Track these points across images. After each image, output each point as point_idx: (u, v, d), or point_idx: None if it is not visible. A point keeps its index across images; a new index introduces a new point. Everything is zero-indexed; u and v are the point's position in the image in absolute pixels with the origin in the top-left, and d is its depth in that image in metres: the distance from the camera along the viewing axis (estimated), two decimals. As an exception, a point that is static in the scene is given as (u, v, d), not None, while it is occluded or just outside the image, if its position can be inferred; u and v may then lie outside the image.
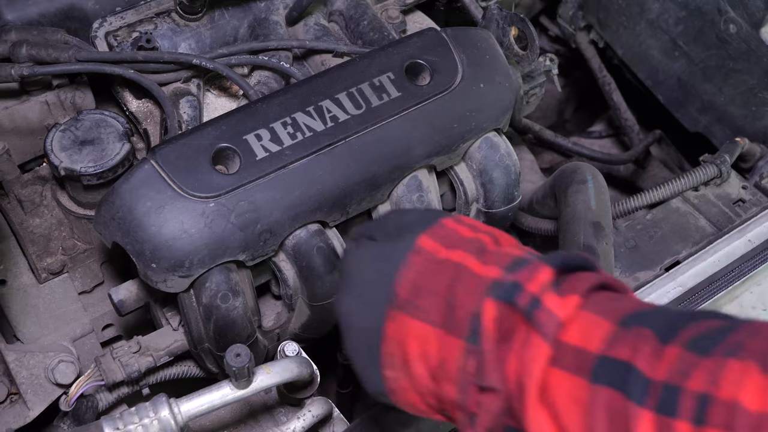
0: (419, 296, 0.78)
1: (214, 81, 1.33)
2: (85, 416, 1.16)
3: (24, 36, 1.25)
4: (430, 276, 0.78)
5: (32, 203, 1.26)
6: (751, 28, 1.60)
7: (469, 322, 0.74)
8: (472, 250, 0.79)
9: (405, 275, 0.79)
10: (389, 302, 0.79)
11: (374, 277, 0.82)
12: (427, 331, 0.76)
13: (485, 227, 0.83)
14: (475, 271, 0.76)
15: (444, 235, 0.81)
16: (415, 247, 0.80)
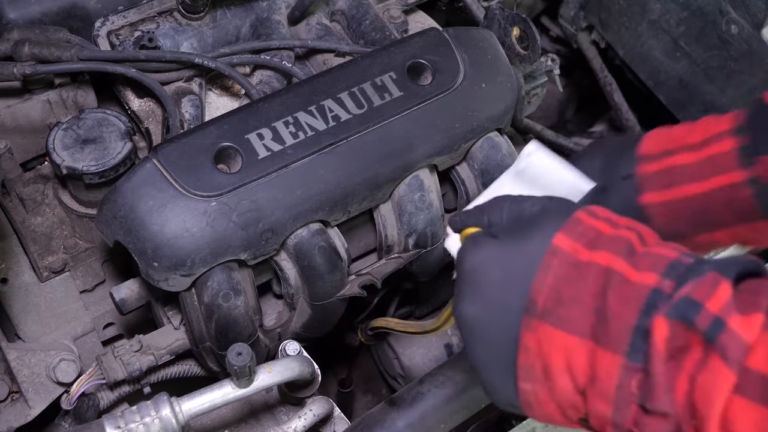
0: (562, 304, 0.71)
1: (216, 80, 1.33)
2: (86, 415, 1.16)
3: (26, 35, 1.25)
4: (573, 282, 0.71)
5: (34, 202, 1.27)
6: (752, 29, 1.59)
7: (629, 337, 0.67)
8: (618, 250, 0.72)
9: (543, 281, 0.72)
10: (525, 310, 0.73)
11: (504, 281, 0.75)
12: (574, 343, 0.70)
13: (623, 220, 0.76)
14: (628, 277, 0.70)
15: (582, 233, 0.74)
16: (551, 248, 0.73)
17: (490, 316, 0.75)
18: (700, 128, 0.97)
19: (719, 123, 0.95)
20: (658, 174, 0.98)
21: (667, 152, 0.98)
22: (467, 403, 1.10)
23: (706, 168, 0.94)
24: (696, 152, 0.95)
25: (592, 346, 0.69)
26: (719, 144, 0.94)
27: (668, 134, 1.00)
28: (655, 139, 1.00)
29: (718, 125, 0.95)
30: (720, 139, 0.94)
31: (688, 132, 0.98)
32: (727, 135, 0.94)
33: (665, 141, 0.99)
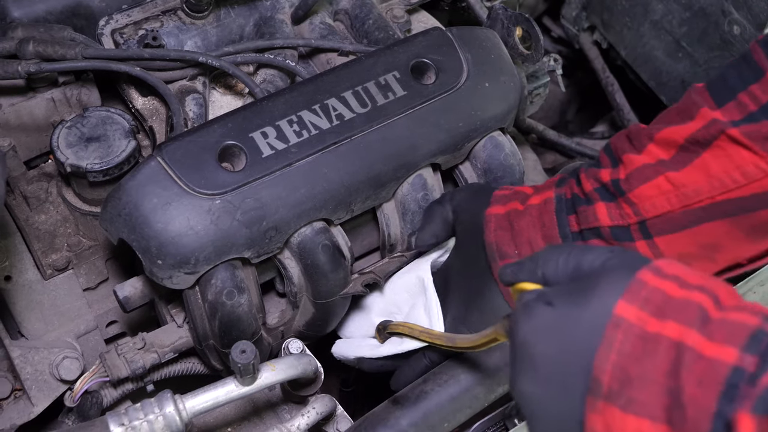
0: (630, 385, 0.64)
1: (220, 79, 1.33)
2: (89, 412, 1.16)
3: (30, 33, 1.25)
4: (640, 358, 0.65)
5: (38, 200, 1.27)
6: (755, 30, 1.60)
7: (709, 425, 0.61)
8: (690, 319, 0.64)
9: (606, 357, 0.65)
10: (589, 390, 0.66)
11: (562, 357, 0.68)
12: (648, 428, 0.64)
13: (695, 278, 0.68)
14: (703, 352, 0.63)
15: (647, 299, 0.66)
16: (613, 319, 0.66)
17: (551, 396, 0.69)
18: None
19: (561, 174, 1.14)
20: (503, 196, 1.12)
21: (521, 186, 1.16)
22: (471, 401, 1.11)
23: (534, 193, 1.10)
24: (534, 188, 1.12)
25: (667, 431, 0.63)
26: (552, 179, 1.12)
27: None
28: None
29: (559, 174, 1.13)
30: (554, 177, 1.13)
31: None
32: (560, 174, 1.13)
33: (524, 185, 1.17)
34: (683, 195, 0.99)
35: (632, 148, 1.04)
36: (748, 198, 0.97)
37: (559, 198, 1.08)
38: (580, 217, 1.05)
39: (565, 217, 1.06)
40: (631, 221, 1.01)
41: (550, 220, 1.07)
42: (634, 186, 1.01)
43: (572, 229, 1.06)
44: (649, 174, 1.01)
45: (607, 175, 1.04)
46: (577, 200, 1.06)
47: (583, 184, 1.06)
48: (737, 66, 1.00)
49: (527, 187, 1.15)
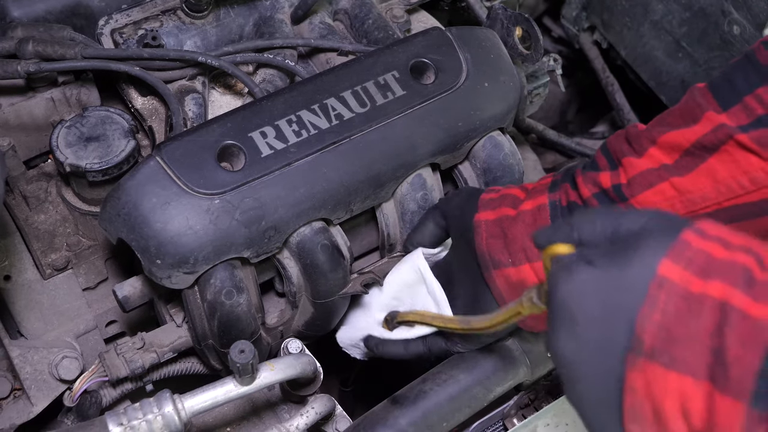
0: (673, 344, 0.64)
1: (219, 79, 1.33)
2: (88, 412, 1.16)
3: (30, 33, 1.25)
4: (684, 318, 0.65)
5: (37, 199, 1.27)
6: (754, 30, 1.60)
7: (753, 383, 0.61)
8: (734, 280, 0.64)
9: (649, 316, 0.65)
10: (630, 348, 0.66)
11: (604, 316, 0.68)
12: (690, 386, 0.64)
13: (738, 239, 0.68)
14: (748, 311, 0.62)
15: (691, 259, 0.66)
16: (656, 278, 0.66)
17: (590, 354, 0.69)
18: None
19: (552, 173, 1.12)
20: (492, 200, 1.10)
21: (506, 187, 1.13)
22: (469, 401, 1.11)
23: (527, 198, 1.08)
24: (525, 190, 1.10)
25: (709, 389, 0.63)
26: (542, 181, 1.10)
27: None
28: None
29: (551, 173, 1.11)
30: (544, 179, 1.10)
31: (528, 183, 1.13)
32: (549, 175, 1.10)
33: (509, 186, 1.14)
34: (689, 201, 0.98)
35: (632, 151, 1.02)
36: (756, 203, 0.96)
37: (554, 204, 1.05)
38: None
39: None
40: None
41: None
42: (637, 192, 0.99)
43: None
44: (653, 179, 0.99)
45: (608, 179, 1.02)
46: (574, 207, 1.04)
47: (581, 189, 1.04)
48: (742, 67, 0.98)
49: (514, 188, 1.12)
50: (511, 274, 1.04)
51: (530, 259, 1.03)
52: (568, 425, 1.16)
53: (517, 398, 1.17)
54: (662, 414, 0.66)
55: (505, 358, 1.14)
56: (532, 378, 1.16)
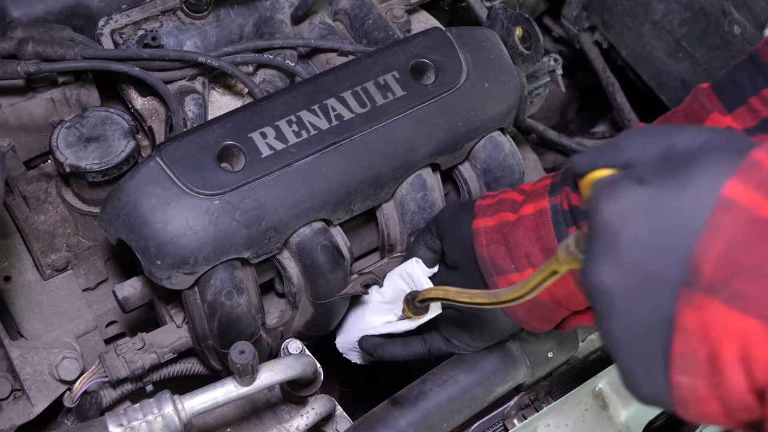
0: (738, 276, 0.55)
1: (219, 79, 1.33)
2: (89, 412, 1.16)
3: (30, 33, 1.25)
4: (754, 247, 0.55)
5: (37, 200, 1.27)
6: (755, 30, 1.60)
7: None
8: None
9: (711, 244, 0.56)
10: (685, 281, 0.56)
11: (655, 242, 0.58)
12: (754, 329, 0.55)
13: None
14: None
15: (763, 180, 0.56)
16: (721, 200, 0.56)
17: (635, 286, 0.59)
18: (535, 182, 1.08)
19: (549, 174, 1.06)
20: (490, 206, 1.07)
21: (502, 191, 1.09)
22: (470, 402, 1.11)
23: (525, 200, 1.04)
24: (523, 193, 1.06)
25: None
26: (540, 182, 1.05)
27: None
28: None
29: (548, 174, 1.06)
30: (542, 180, 1.05)
31: (525, 184, 1.09)
32: (548, 177, 1.04)
33: (505, 189, 1.10)
34: None
35: None
36: None
37: (555, 209, 1.01)
38: None
39: (564, 229, 0.99)
40: None
41: (548, 233, 1.00)
42: None
43: None
44: None
45: None
46: (577, 213, 0.99)
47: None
48: (746, 68, 0.95)
49: (510, 191, 1.08)
50: (515, 280, 1.02)
51: (533, 264, 1.00)
52: (568, 426, 1.16)
53: (518, 399, 1.17)
54: (719, 362, 0.56)
55: (506, 358, 1.14)
56: (533, 378, 1.16)
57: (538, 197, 1.03)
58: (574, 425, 1.16)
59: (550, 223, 1.00)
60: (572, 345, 1.17)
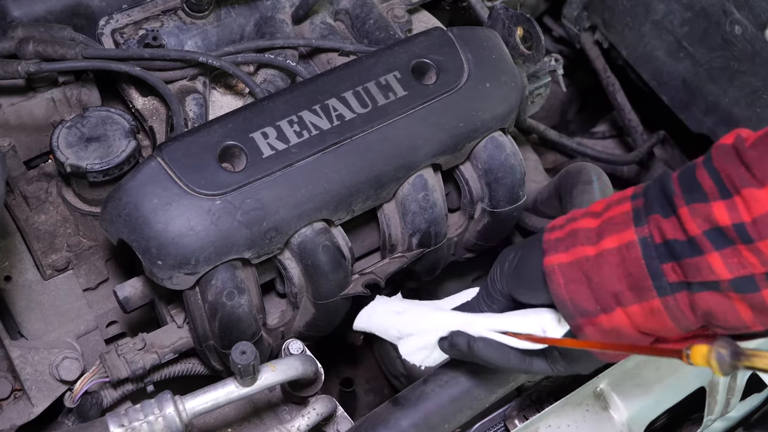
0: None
1: (220, 79, 1.33)
2: (89, 413, 1.16)
3: (30, 33, 1.25)
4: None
5: (38, 200, 1.27)
6: (756, 30, 1.59)
7: None
8: None
9: None
10: None
11: None
12: None
13: None
14: None
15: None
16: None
17: None
18: (606, 199, 0.97)
19: (623, 192, 0.95)
20: (561, 240, 0.95)
21: (571, 220, 0.96)
22: (471, 402, 1.11)
23: (602, 229, 0.92)
24: (597, 218, 0.94)
25: None
26: (618, 207, 0.93)
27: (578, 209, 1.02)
28: (564, 215, 1.00)
29: (621, 194, 0.95)
30: (619, 204, 0.93)
31: (596, 203, 0.98)
32: (626, 200, 0.93)
33: (573, 213, 0.98)
34: None
35: (752, 179, 0.83)
36: None
37: (645, 242, 0.88)
38: (686, 269, 0.86)
39: (658, 266, 0.87)
40: (758, 271, 0.83)
41: (639, 270, 0.88)
42: (766, 235, 0.81)
43: (670, 280, 0.87)
44: None
45: (725, 214, 0.83)
46: (678, 248, 0.86)
47: (686, 224, 0.85)
48: None
49: (581, 219, 0.96)
50: (603, 322, 0.92)
51: (622, 304, 0.90)
52: (569, 426, 1.16)
53: (519, 399, 1.17)
54: None
55: (507, 359, 1.14)
56: (534, 379, 1.16)
57: (620, 227, 0.91)
58: (575, 426, 1.16)
59: (641, 259, 0.89)
60: (573, 345, 1.17)
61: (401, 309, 1.08)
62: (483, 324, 1.01)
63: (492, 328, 1.00)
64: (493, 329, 1.00)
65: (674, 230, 0.87)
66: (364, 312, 1.09)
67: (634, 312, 0.89)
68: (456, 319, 1.03)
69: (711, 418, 1.30)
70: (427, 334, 1.05)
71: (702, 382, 1.25)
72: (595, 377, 1.19)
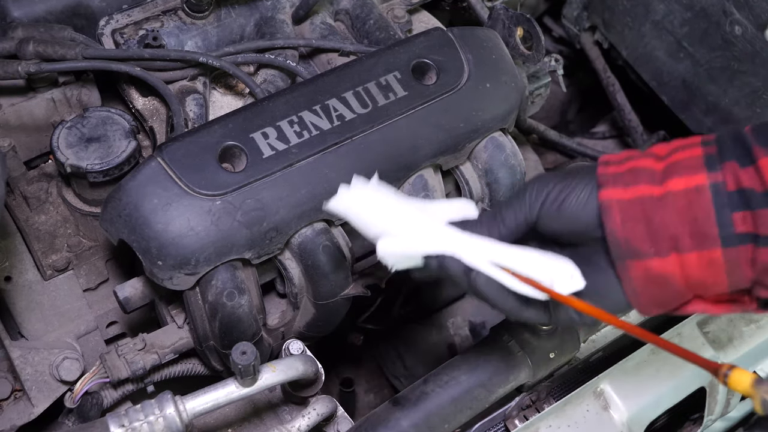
0: None
1: (221, 79, 1.33)
2: (89, 413, 1.16)
3: (31, 33, 1.25)
4: None
5: (38, 200, 1.27)
6: (756, 30, 1.59)
7: None
8: None
9: None
10: None
11: None
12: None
13: None
14: None
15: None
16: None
17: None
18: (669, 144, 0.92)
19: (688, 139, 0.92)
20: (619, 175, 0.89)
21: (629, 158, 0.91)
22: (471, 402, 1.10)
23: (669, 171, 0.88)
24: (661, 160, 0.89)
25: None
26: (686, 151, 0.88)
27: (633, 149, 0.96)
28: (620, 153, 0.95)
29: (686, 140, 0.91)
30: (687, 148, 0.89)
31: (658, 146, 0.93)
32: (696, 145, 0.89)
33: (629, 152, 0.93)
34: None
35: None
36: None
37: (716, 188, 0.84)
38: (758, 221, 0.83)
39: (728, 214, 0.84)
40: None
41: (706, 216, 0.84)
42: None
43: (737, 230, 0.83)
44: None
45: None
46: (753, 198, 0.83)
47: (766, 175, 0.83)
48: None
49: (642, 157, 0.90)
50: (654, 266, 0.87)
51: (680, 250, 0.85)
52: (570, 426, 1.16)
53: (519, 399, 1.17)
54: None
55: (507, 359, 1.14)
56: (534, 379, 1.16)
57: (689, 170, 0.87)
58: (575, 426, 1.16)
59: (711, 205, 0.84)
60: (574, 345, 1.17)
61: (389, 204, 0.94)
62: (486, 254, 0.90)
63: (496, 262, 0.90)
64: (497, 263, 0.90)
65: (751, 180, 0.83)
66: (344, 194, 0.95)
67: (690, 260, 0.85)
68: (455, 240, 0.92)
69: (711, 419, 1.30)
70: (416, 245, 0.93)
71: (702, 383, 1.25)
72: (595, 377, 1.19)
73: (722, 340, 1.26)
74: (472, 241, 0.92)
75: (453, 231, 0.93)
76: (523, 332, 1.15)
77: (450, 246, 0.92)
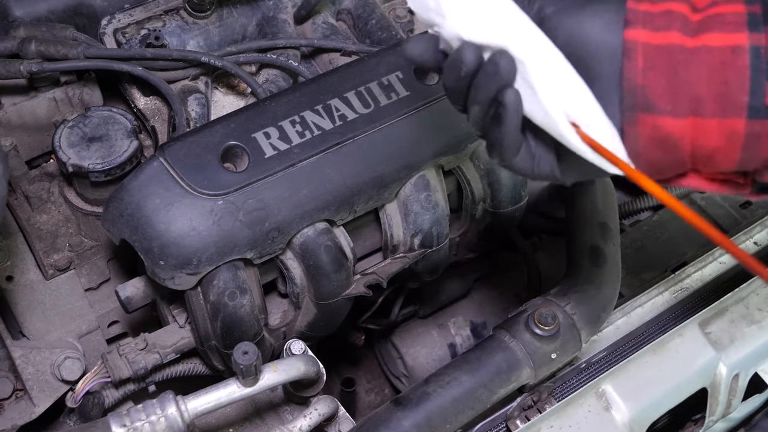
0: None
1: (222, 79, 1.33)
2: (91, 413, 1.16)
3: (33, 32, 1.25)
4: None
5: (39, 199, 1.27)
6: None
7: None
8: None
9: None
10: None
11: None
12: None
13: None
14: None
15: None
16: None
17: None
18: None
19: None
20: (651, 15, 0.78)
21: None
22: (472, 403, 1.10)
23: (706, 23, 0.77)
24: (699, 12, 0.78)
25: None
26: (729, 5, 0.78)
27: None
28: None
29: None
30: (730, 1, 0.78)
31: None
32: (739, 1, 0.78)
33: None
34: None
35: None
36: None
37: (757, 52, 0.75)
38: None
39: (763, 82, 0.75)
40: None
41: (739, 80, 0.75)
42: None
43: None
44: None
45: None
46: None
47: None
48: None
49: (675, 0, 0.79)
50: (666, 125, 0.78)
51: (700, 114, 0.77)
52: (571, 427, 1.16)
53: (521, 400, 1.17)
54: None
55: (509, 359, 1.14)
56: (536, 379, 1.16)
57: (730, 27, 0.77)
58: (577, 427, 1.16)
59: (747, 68, 0.75)
60: (575, 346, 1.17)
61: None
62: (541, 45, 0.76)
63: (546, 59, 0.76)
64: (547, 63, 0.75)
65: None
66: None
67: (708, 127, 0.77)
68: (528, 30, 0.77)
69: (713, 419, 1.30)
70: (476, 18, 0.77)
71: (704, 383, 1.25)
72: (597, 378, 1.19)
73: (724, 341, 1.26)
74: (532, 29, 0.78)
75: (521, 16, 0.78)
76: (524, 333, 1.15)
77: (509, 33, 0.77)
